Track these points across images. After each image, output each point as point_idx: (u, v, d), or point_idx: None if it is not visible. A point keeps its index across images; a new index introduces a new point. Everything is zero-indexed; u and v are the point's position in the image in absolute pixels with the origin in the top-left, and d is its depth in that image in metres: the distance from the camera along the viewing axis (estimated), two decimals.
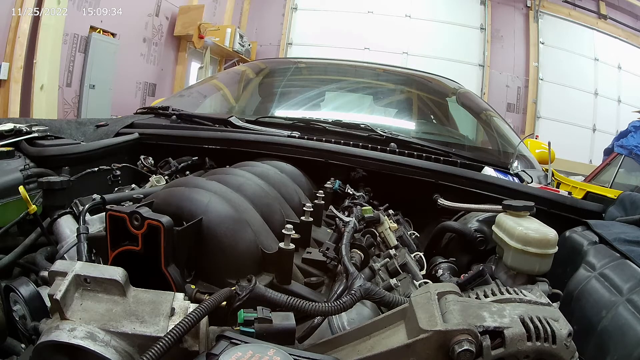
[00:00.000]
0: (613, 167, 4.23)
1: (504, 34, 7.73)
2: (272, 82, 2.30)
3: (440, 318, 0.43)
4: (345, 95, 2.23)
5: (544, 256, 0.75)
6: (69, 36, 4.41)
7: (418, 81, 2.28)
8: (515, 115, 7.64)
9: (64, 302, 0.42)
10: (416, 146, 1.37)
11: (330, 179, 1.19)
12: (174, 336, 0.40)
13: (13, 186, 0.88)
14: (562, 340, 0.43)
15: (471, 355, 0.40)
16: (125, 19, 5.07)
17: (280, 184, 0.94)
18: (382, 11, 7.84)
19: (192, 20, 6.07)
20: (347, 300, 0.55)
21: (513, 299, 0.48)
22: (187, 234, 0.61)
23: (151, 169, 1.24)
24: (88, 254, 0.67)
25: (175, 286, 0.57)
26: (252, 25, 8.28)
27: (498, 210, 0.89)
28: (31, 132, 1.09)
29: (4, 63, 3.77)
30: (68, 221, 0.82)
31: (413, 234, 1.13)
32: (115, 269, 0.46)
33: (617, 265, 0.69)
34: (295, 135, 1.33)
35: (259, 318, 0.46)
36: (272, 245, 0.68)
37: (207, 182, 0.75)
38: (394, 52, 7.60)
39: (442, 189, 1.15)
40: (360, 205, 1.01)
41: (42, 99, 3.98)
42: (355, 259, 0.74)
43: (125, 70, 5.27)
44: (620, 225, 0.85)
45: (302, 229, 0.81)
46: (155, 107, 1.65)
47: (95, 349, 0.41)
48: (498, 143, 1.79)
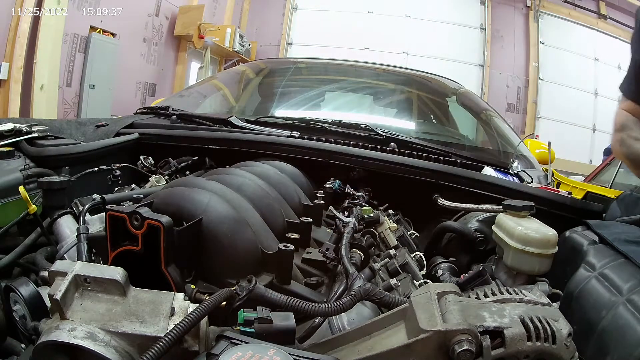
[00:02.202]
0: (613, 167, 4.22)
1: (504, 34, 7.73)
2: (272, 82, 2.30)
3: (440, 318, 0.43)
4: (345, 95, 2.23)
5: (544, 256, 0.75)
6: (69, 36, 4.41)
7: (418, 81, 2.28)
8: (515, 115, 7.64)
9: (64, 302, 0.42)
10: (416, 146, 1.37)
11: (330, 179, 1.19)
12: (174, 336, 0.40)
13: (13, 186, 0.88)
14: (562, 340, 0.43)
15: (471, 355, 0.40)
16: (125, 19, 5.07)
17: (280, 184, 0.94)
18: (382, 11, 7.83)
19: (192, 20, 6.07)
20: (347, 300, 0.55)
21: (513, 299, 0.48)
22: (187, 234, 0.61)
23: (151, 169, 1.24)
24: (88, 254, 0.67)
25: (175, 286, 0.57)
26: (252, 25, 8.28)
27: (498, 210, 0.89)
28: (31, 132, 1.09)
29: (4, 63, 3.77)
30: (68, 221, 0.82)
31: (413, 234, 1.13)
32: (115, 269, 0.46)
33: (617, 265, 0.68)
34: (295, 135, 1.33)
35: (259, 318, 0.46)
36: (272, 245, 0.68)
37: (207, 182, 0.75)
38: (394, 52, 7.60)
39: (442, 189, 1.15)
40: (360, 206, 1.01)
41: (42, 99, 3.98)
42: (355, 259, 0.74)
43: (125, 70, 5.27)
44: (620, 225, 0.85)
45: (302, 229, 0.81)
46: (155, 107, 1.65)
47: (95, 349, 0.41)
48: (498, 143, 1.79)
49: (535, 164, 1.67)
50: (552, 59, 7.52)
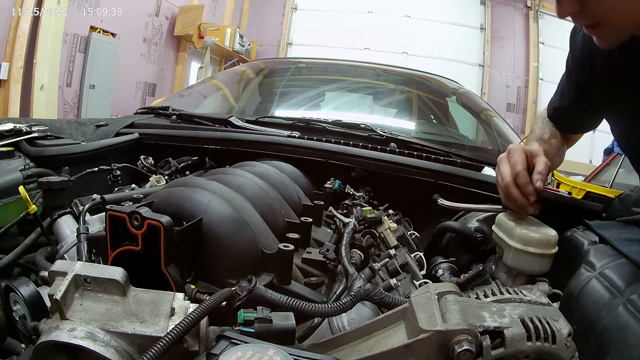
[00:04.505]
0: (613, 167, 4.23)
1: (504, 34, 7.73)
2: (272, 82, 2.30)
3: (440, 318, 0.43)
4: (345, 95, 2.23)
5: (544, 256, 0.75)
6: (69, 36, 4.42)
7: (418, 81, 2.27)
8: (515, 115, 7.65)
9: (64, 302, 0.42)
10: (416, 146, 1.37)
11: (330, 179, 1.19)
12: (174, 336, 0.40)
13: (13, 186, 0.88)
14: (562, 340, 0.43)
15: (471, 355, 0.40)
16: (125, 19, 5.07)
17: (280, 184, 0.94)
18: (382, 11, 7.84)
19: (192, 20, 6.07)
20: (347, 301, 0.55)
21: (513, 299, 0.48)
22: (187, 234, 0.60)
23: (151, 169, 1.24)
24: (88, 254, 0.67)
25: (175, 286, 0.57)
26: (252, 25, 8.28)
27: (498, 210, 0.89)
28: (31, 132, 1.09)
29: (4, 63, 3.77)
30: (68, 221, 0.82)
31: (413, 234, 1.13)
32: (115, 269, 0.46)
33: (617, 265, 0.68)
34: (295, 135, 1.33)
35: (259, 318, 0.46)
36: (272, 245, 0.68)
37: (207, 182, 0.75)
38: (393, 52, 7.60)
39: (442, 189, 1.14)
40: (360, 206, 1.01)
41: (42, 99, 3.98)
42: (355, 259, 0.74)
43: (125, 70, 5.27)
44: (621, 225, 0.85)
45: (302, 229, 0.81)
46: (155, 107, 1.65)
47: (95, 349, 0.41)
48: (498, 143, 1.79)
49: None
50: (552, 59, 7.51)
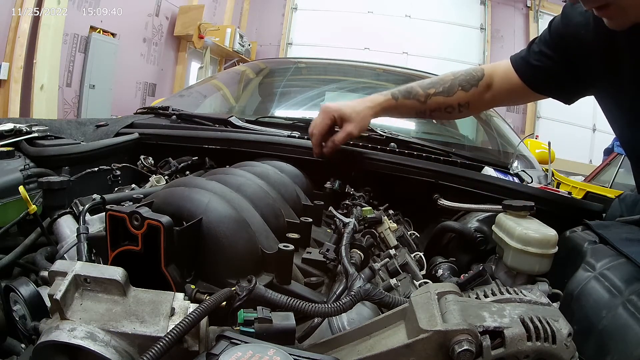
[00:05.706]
0: (613, 167, 4.24)
1: (504, 34, 7.73)
2: (272, 82, 2.30)
3: (440, 318, 0.43)
4: (346, 95, 2.23)
5: (544, 256, 0.75)
6: (69, 36, 4.42)
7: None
8: (515, 115, 7.65)
9: (64, 302, 0.42)
10: (416, 146, 1.37)
11: (330, 179, 1.19)
12: (174, 336, 0.40)
13: (13, 186, 0.88)
14: (562, 340, 0.43)
15: (471, 355, 0.40)
16: (125, 19, 5.07)
17: (280, 184, 0.94)
18: (382, 11, 7.84)
19: (192, 20, 6.07)
20: (347, 301, 0.55)
21: (513, 299, 0.48)
22: (187, 234, 0.60)
23: (151, 169, 1.23)
24: (88, 254, 0.67)
25: (175, 286, 0.57)
26: (252, 25, 8.29)
27: (498, 210, 0.89)
28: (31, 132, 1.09)
29: (4, 63, 3.78)
30: (68, 221, 0.82)
31: (413, 234, 1.13)
32: (115, 269, 0.46)
33: (617, 265, 0.68)
34: (295, 135, 1.32)
35: (259, 318, 0.46)
36: (272, 245, 0.68)
37: (207, 182, 0.75)
38: (393, 52, 7.61)
39: (442, 189, 1.14)
40: (360, 206, 1.01)
41: (42, 99, 3.98)
42: (355, 259, 0.74)
43: (125, 70, 5.28)
44: (621, 225, 0.85)
45: (302, 229, 0.81)
46: (155, 107, 1.65)
47: (95, 349, 0.41)
48: (498, 143, 1.79)
49: (535, 164, 1.67)
50: None
